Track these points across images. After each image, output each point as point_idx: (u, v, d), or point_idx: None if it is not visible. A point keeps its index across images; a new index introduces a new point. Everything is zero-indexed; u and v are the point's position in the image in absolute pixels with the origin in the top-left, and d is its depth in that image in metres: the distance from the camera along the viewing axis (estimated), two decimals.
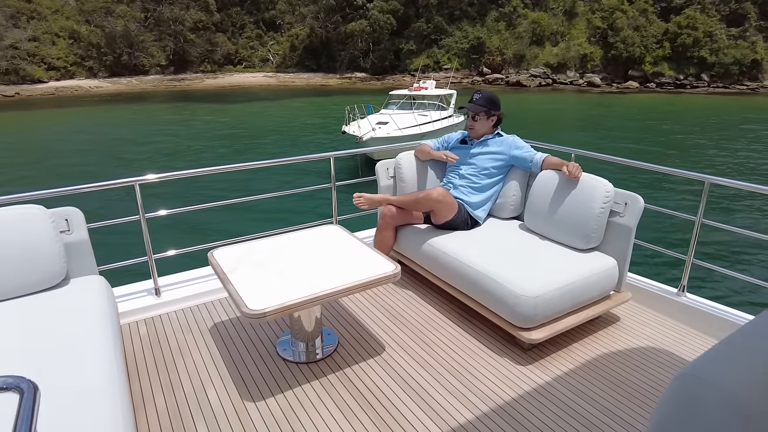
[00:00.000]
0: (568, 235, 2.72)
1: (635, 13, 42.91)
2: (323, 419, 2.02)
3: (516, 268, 2.49)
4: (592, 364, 2.37)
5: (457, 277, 2.68)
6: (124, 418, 1.52)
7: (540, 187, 2.90)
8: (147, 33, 44.50)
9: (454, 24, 45.84)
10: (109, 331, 1.99)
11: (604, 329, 2.68)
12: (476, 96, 3.14)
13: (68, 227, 2.46)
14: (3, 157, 17.31)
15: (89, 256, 2.54)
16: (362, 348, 2.51)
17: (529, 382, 2.24)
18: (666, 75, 41.79)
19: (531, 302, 2.30)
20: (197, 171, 3.15)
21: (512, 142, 3.11)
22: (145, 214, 2.88)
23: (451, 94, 20.08)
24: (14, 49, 38.46)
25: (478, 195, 3.08)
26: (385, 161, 3.44)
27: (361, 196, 3.00)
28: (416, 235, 3.04)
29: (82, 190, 2.73)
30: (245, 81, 45.25)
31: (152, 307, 2.90)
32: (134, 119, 25.69)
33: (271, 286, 2.11)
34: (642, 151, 17.77)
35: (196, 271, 3.22)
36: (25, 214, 2.27)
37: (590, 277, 2.50)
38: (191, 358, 2.45)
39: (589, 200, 2.62)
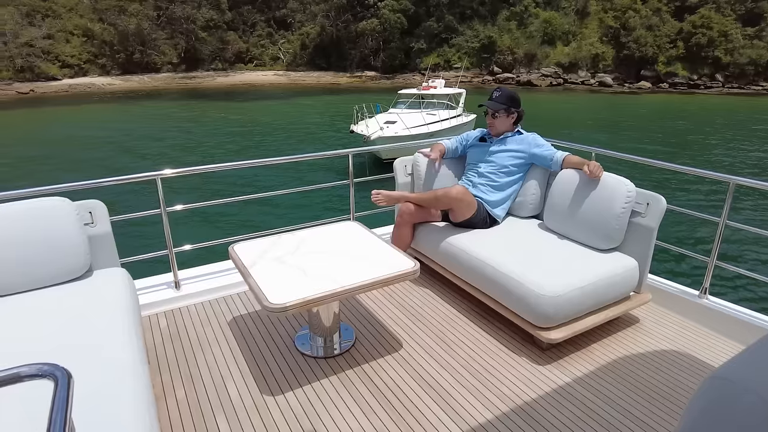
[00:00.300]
0: (588, 235, 2.69)
1: (648, 12, 42.43)
2: (342, 414, 2.03)
3: (536, 267, 2.47)
4: (611, 365, 2.35)
5: (476, 276, 2.67)
6: (148, 409, 1.54)
7: (560, 186, 2.86)
8: (159, 31, 44.91)
9: (465, 23, 45.66)
10: (131, 323, 2.02)
11: (623, 330, 2.65)
12: (496, 93, 3.11)
13: (92, 220, 2.50)
14: (20, 151, 17.60)
15: (112, 249, 2.57)
16: (379, 344, 2.51)
17: (547, 381, 2.23)
18: (679, 75, 41.27)
19: (552, 302, 2.28)
20: (217, 166, 3.17)
21: (532, 140, 3.08)
22: (166, 208, 2.90)
23: (460, 93, 20.01)
24: (29, 46, 39.02)
25: (498, 193, 3.05)
26: (404, 158, 3.42)
27: (379, 193, 2.99)
28: (434, 232, 3.02)
29: (104, 183, 2.77)
30: (256, 79, 45.45)
31: (172, 300, 2.92)
32: (146, 116, 25.93)
33: (292, 280, 2.12)
34: (656, 151, 17.58)
35: (214, 265, 3.24)
36: (51, 206, 2.30)
37: (610, 277, 2.47)
38: (211, 351, 2.47)
39: (610, 200, 2.59)
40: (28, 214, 2.25)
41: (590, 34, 44.05)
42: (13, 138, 20.47)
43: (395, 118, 15.77)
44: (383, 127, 14.67)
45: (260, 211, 10.85)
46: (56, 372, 0.90)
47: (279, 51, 49.51)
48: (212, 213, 10.42)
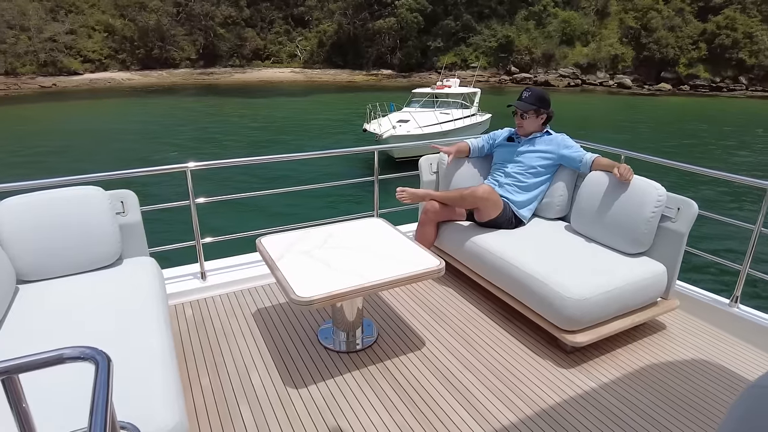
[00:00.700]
0: (616, 239, 2.65)
1: (671, 12, 41.66)
2: (364, 409, 2.04)
3: (562, 269, 2.44)
4: (636, 372, 2.31)
5: (501, 276, 2.65)
6: (176, 396, 1.57)
7: (588, 188, 2.83)
8: (178, 27, 45.39)
9: (482, 22, 45.35)
10: (160, 311, 2.06)
11: (649, 336, 2.61)
12: (525, 93, 3.07)
13: (123, 209, 2.54)
14: (43, 142, 17.99)
15: (141, 238, 2.62)
16: (402, 342, 2.52)
17: (571, 385, 2.21)
18: (701, 77, 40.49)
19: (577, 305, 2.25)
20: (244, 160, 3.23)
21: (561, 141, 3.03)
22: (195, 200, 2.94)
23: (474, 93, 19.90)
24: (53, 41, 39.78)
25: (524, 194, 3.02)
26: (429, 156, 3.41)
27: (404, 191, 2.98)
28: (459, 231, 3.01)
29: (136, 174, 2.83)
30: (273, 76, 45.70)
31: (198, 290, 2.97)
32: (164, 111, 26.26)
33: (318, 275, 2.14)
34: (673, 153, 17.29)
35: (239, 257, 3.28)
36: (85, 195, 2.36)
37: (638, 282, 2.44)
38: (235, 341, 2.50)
39: (640, 203, 2.54)
40: (64, 202, 2.30)
41: (610, 35, 43.42)
42: (38, 130, 20.95)
43: (408, 117, 15.75)
44: (396, 126, 14.65)
45: (282, 204, 10.99)
46: (97, 356, 0.92)
47: (296, 48, 49.71)
48: (238, 205, 10.57)
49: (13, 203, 2.24)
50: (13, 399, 0.91)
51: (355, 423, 1.96)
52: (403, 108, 18.24)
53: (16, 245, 2.18)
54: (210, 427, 1.95)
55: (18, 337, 1.83)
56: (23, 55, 38.39)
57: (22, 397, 0.92)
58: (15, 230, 2.19)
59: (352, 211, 3.59)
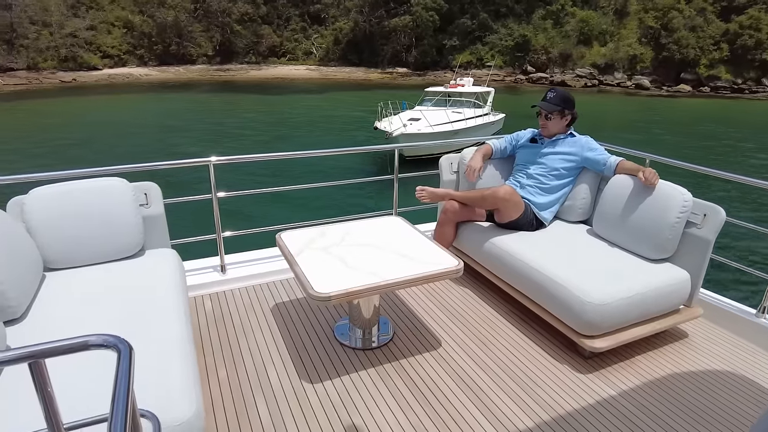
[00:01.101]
0: (639, 244, 2.60)
1: (692, 12, 40.87)
2: (378, 406, 2.04)
3: (582, 273, 2.41)
4: (656, 380, 2.27)
5: (520, 279, 2.62)
6: (194, 386, 1.59)
7: (612, 192, 2.78)
8: (195, 23, 45.83)
9: (499, 21, 45.01)
10: (180, 302, 2.08)
11: (670, 344, 2.56)
12: (550, 94, 3.02)
13: (147, 201, 2.58)
14: (66, 135, 18.35)
15: (164, 230, 2.66)
16: (417, 341, 2.51)
17: (588, 391, 2.18)
18: (722, 79, 39.68)
19: (597, 309, 2.22)
20: (266, 155, 3.25)
21: (585, 143, 2.99)
22: (216, 194, 2.96)
23: (488, 92, 19.86)
24: (73, 37, 40.45)
25: (546, 196, 2.98)
26: (449, 156, 3.38)
27: (423, 190, 2.97)
28: (478, 232, 2.99)
29: (160, 167, 2.86)
30: (288, 73, 45.89)
31: (218, 283, 3.00)
32: (183, 106, 26.57)
33: (336, 271, 2.16)
34: (692, 156, 16.98)
35: (259, 252, 3.31)
36: (110, 186, 2.40)
37: (660, 288, 2.39)
38: (253, 335, 2.53)
39: (665, 209, 2.49)
40: (90, 193, 2.34)
41: (628, 35, 42.77)
42: (60, 123, 21.41)
43: (419, 115, 15.73)
44: (406, 124, 14.67)
45: (301, 200, 11.12)
46: (119, 344, 0.94)
47: (312, 46, 49.88)
48: (258, 200, 10.70)
49: (42, 193, 2.29)
50: (39, 383, 0.93)
51: (369, 420, 1.97)
52: (416, 106, 18.25)
53: (45, 234, 2.23)
54: (226, 418, 1.98)
55: (44, 323, 1.88)
56: (45, 50, 39.10)
57: (47, 381, 0.94)
58: (43, 219, 2.24)
59: (371, 209, 3.60)
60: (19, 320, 1.89)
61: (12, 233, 2.05)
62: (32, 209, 2.24)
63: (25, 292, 1.93)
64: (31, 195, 2.28)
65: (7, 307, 1.82)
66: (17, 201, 2.32)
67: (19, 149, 16.56)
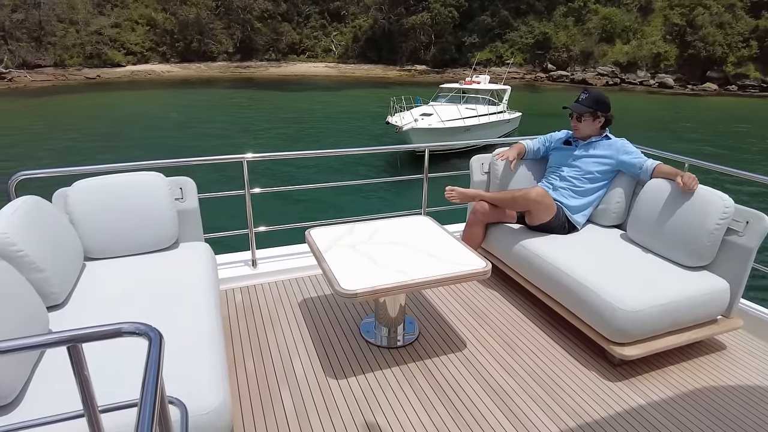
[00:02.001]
0: (675, 250, 2.51)
1: (720, 8, 39.75)
2: (401, 405, 2.05)
3: (614, 278, 2.35)
4: (690, 392, 2.19)
5: (549, 282, 2.58)
6: (222, 376, 1.63)
7: (648, 196, 2.70)
8: (217, 21, 46.32)
9: (520, 18, 44.48)
10: (212, 294, 2.14)
11: (706, 356, 2.47)
12: (583, 95, 2.94)
13: (182, 195, 2.65)
14: (91, 128, 18.82)
15: (197, 224, 2.73)
16: (443, 341, 2.51)
17: (617, 399, 2.13)
18: (751, 77, 38.54)
19: (628, 316, 2.16)
20: (298, 153, 3.34)
21: (621, 146, 2.90)
22: (250, 190, 3.03)
23: (504, 90, 19.75)
24: (99, 34, 41.33)
25: (580, 199, 2.92)
26: (480, 156, 3.34)
27: (453, 190, 2.95)
28: (508, 234, 2.95)
29: (194, 162, 2.95)
30: (307, 70, 46.09)
31: (249, 277, 3.06)
32: (204, 102, 26.97)
33: (363, 269, 2.17)
34: (717, 155, 16.57)
35: (289, 247, 3.37)
36: (148, 180, 2.48)
37: (696, 297, 2.31)
38: (281, 328, 2.57)
39: (704, 215, 2.39)
40: (129, 186, 2.43)
41: (653, 32, 41.83)
42: (86, 117, 21.98)
43: (431, 110, 15.64)
44: (417, 119, 14.61)
45: (329, 198, 11.21)
46: (150, 332, 0.99)
47: (331, 43, 50.02)
48: (289, 197, 10.84)
49: (85, 185, 2.39)
50: (77, 366, 0.98)
51: (391, 418, 1.98)
52: (429, 102, 18.18)
53: (86, 224, 2.33)
54: (252, 408, 2.01)
55: (83, 310, 1.96)
56: (71, 47, 40.01)
57: (84, 364, 0.98)
58: (85, 210, 2.33)
59: (400, 208, 3.60)
60: (60, 306, 1.98)
61: (57, 224, 2.14)
62: (76, 201, 2.33)
63: (67, 279, 2.02)
64: (74, 187, 2.38)
65: (50, 294, 1.91)
66: (62, 193, 2.42)
67: (56, 140, 17.05)
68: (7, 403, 1.43)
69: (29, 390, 1.51)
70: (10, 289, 1.62)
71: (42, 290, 1.88)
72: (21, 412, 1.42)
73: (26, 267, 1.84)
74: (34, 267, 1.86)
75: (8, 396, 1.41)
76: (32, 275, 1.85)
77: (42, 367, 1.61)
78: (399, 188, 11.57)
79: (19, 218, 1.92)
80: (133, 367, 0.92)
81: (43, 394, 1.49)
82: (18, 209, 1.97)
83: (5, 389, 1.39)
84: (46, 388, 1.52)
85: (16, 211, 1.95)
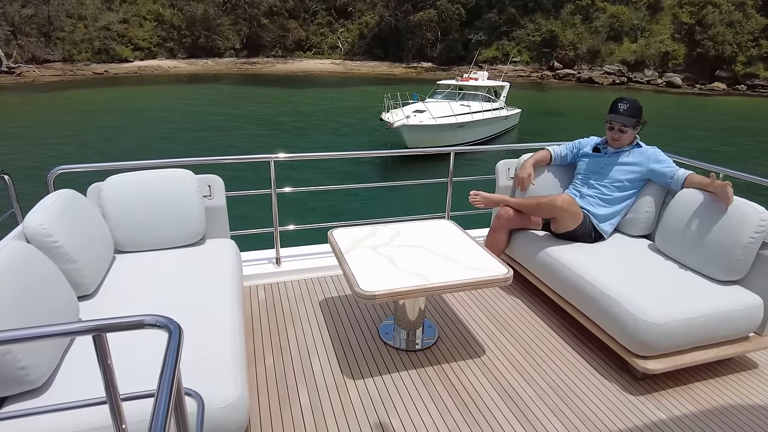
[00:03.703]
0: (705, 263, 2.42)
1: (731, 7, 39.34)
2: (417, 409, 2.04)
3: (640, 290, 2.28)
4: (717, 411, 2.10)
5: (572, 291, 2.52)
6: (241, 371, 1.67)
7: (679, 206, 2.60)
8: (224, 17, 46.42)
9: (527, 16, 44.27)
10: (235, 290, 2.19)
11: (736, 374, 2.37)
12: (622, 106, 2.81)
13: (210, 193, 2.71)
14: (106, 123, 19.01)
15: (224, 221, 2.78)
16: (462, 347, 2.48)
17: (639, 414, 2.06)
18: (760, 77, 38.18)
19: (653, 329, 2.09)
20: (325, 154, 3.38)
21: (652, 155, 2.82)
22: (276, 189, 3.07)
23: (502, 87, 19.86)
24: (107, 30, 41.55)
25: (607, 208, 2.85)
26: (506, 161, 3.29)
27: (477, 194, 2.91)
28: (532, 240, 2.90)
29: (222, 161, 3.01)
30: (313, 67, 46.09)
31: (272, 275, 3.10)
32: (212, 98, 27.11)
33: (383, 271, 2.17)
34: (724, 158, 16.47)
35: (312, 247, 3.40)
36: (177, 177, 2.54)
37: (727, 312, 2.21)
38: (301, 326, 2.60)
39: (738, 227, 2.30)
40: (159, 183, 2.49)
41: (661, 31, 41.50)
42: (99, 109, 22.28)
43: (424, 107, 15.71)
44: (409, 116, 14.71)
45: (354, 199, 11.31)
46: (170, 325, 1.02)
47: (338, 40, 49.98)
48: (313, 197, 10.90)
49: (117, 181, 2.46)
50: (101, 355, 1.02)
51: (406, 421, 1.97)
52: (426, 99, 18.24)
53: (117, 218, 2.40)
54: (269, 403, 2.04)
55: (111, 301, 2.03)
56: (79, 42, 40.24)
57: (108, 353, 1.03)
58: (117, 205, 2.40)
59: (424, 211, 3.59)
60: (90, 296, 2.05)
61: (91, 217, 2.21)
62: (108, 195, 2.41)
63: (98, 271, 2.09)
64: (108, 182, 2.45)
65: (82, 284, 1.98)
66: (96, 187, 2.49)
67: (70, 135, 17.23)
68: (38, 387, 1.50)
69: (58, 375, 1.58)
70: (45, 279, 1.69)
71: (74, 280, 1.94)
72: (49, 396, 1.48)
73: (60, 257, 1.90)
74: (68, 258, 1.92)
75: (39, 380, 1.48)
76: (65, 266, 1.91)
77: (71, 353, 1.68)
78: (418, 190, 11.45)
79: (56, 211, 1.99)
80: (157, 359, 0.97)
81: (71, 380, 1.56)
82: (55, 202, 2.04)
83: (37, 373, 1.46)
84: (74, 375, 1.58)
85: (53, 204, 2.02)
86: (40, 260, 1.72)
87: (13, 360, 1.39)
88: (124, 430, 1.10)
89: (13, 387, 1.44)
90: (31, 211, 1.96)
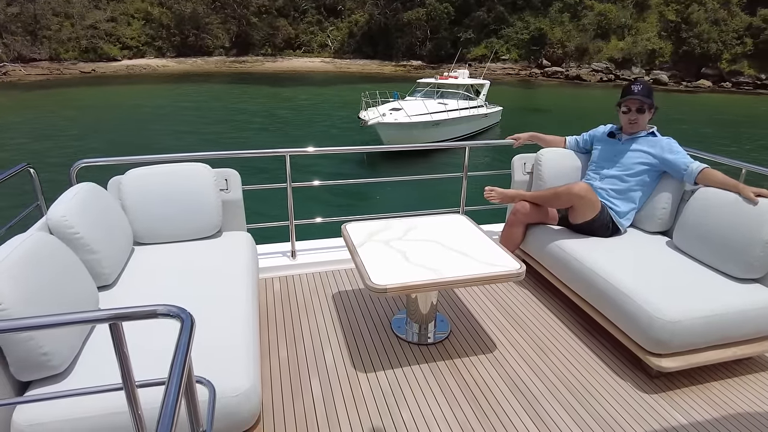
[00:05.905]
0: (723, 260, 2.35)
1: (716, 5, 39.88)
2: (427, 402, 2.05)
3: (656, 286, 2.23)
4: (735, 412, 2.04)
5: (586, 287, 2.48)
6: (254, 361, 1.71)
7: (698, 203, 2.53)
8: (213, 15, 46.16)
9: (515, 14, 44.55)
10: (251, 282, 2.23)
11: (754, 374, 2.29)
12: (637, 87, 2.75)
13: (227, 186, 2.75)
14: (99, 123, 18.93)
15: (241, 214, 2.83)
16: (473, 341, 2.47)
17: (652, 412, 2.02)
18: (745, 74, 38.75)
19: (668, 327, 2.04)
20: (339, 148, 3.46)
21: (666, 145, 2.74)
22: (291, 183, 3.11)
23: (482, 84, 20.05)
24: (94, 28, 41.09)
25: (623, 198, 2.80)
26: (523, 155, 3.26)
27: (493, 190, 2.89)
28: (547, 234, 2.85)
29: (238, 155, 3.06)
30: (303, 66, 46.01)
31: (287, 267, 3.14)
32: (203, 96, 26.98)
33: (395, 264, 2.18)
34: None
35: (327, 240, 3.44)
36: (195, 171, 2.59)
37: (745, 311, 2.14)
38: (315, 318, 2.63)
39: (759, 223, 2.23)
40: (177, 176, 2.54)
41: (647, 28, 41.97)
42: (87, 105, 22.04)
43: (399, 105, 15.86)
44: (385, 114, 14.84)
45: (367, 194, 11.38)
46: (182, 314, 1.06)
47: (327, 38, 49.91)
48: (327, 191, 10.92)
49: (137, 174, 2.50)
50: (117, 342, 1.05)
51: (417, 414, 1.98)
52: (406, 97, 18.41)
53: (137, 211, 2.45)
54: (282, 393, 2.07)
55: (130, 292, 2.08)
56: (66, 41, 39.79)
57: (123, 342, 1.05)
58: (137, 198, 2.45)
59: (439, 206, 3.57)
60: (110, 287, 2.10)
61: (111, 209, 2.26)
62: (128, 188, 2.45)
63: (117, 262, 2.14)
64: (127, 175, 2.49)
65: (102, 274, 2.03)
66: (116, 180, 2.53)
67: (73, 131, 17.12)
68: (60, 372, 1.56)
69: (78, 361, 1.63)
70: (67, 269, 1.73)
71: (94, 271, 1.98)
72: (70, 381, 1.54)
73: (81, 248, 1.94)
74: (89, 249, 1.97)
75: (61, 365, 1.53)
76: (86, 256, 1.95)
77: (91, 341, 1.73)
78: (431, 185, 11.37)
79: (77, 203, 2.03)
80: (173, 348, 1.01)
81: (90, 367, 1.61)
82: (77, 195, 2.08)
83: (58, 359, 1.52)
84: (92, 361, 1.63)
85: (75, 197, 2.06)
86: (63, 251, 1.76)
87: (35, 346, 1.44)
88: (139, 416, 1.13)
89: (36, 372, 1.50)
90: (54, 203, 2.00)
